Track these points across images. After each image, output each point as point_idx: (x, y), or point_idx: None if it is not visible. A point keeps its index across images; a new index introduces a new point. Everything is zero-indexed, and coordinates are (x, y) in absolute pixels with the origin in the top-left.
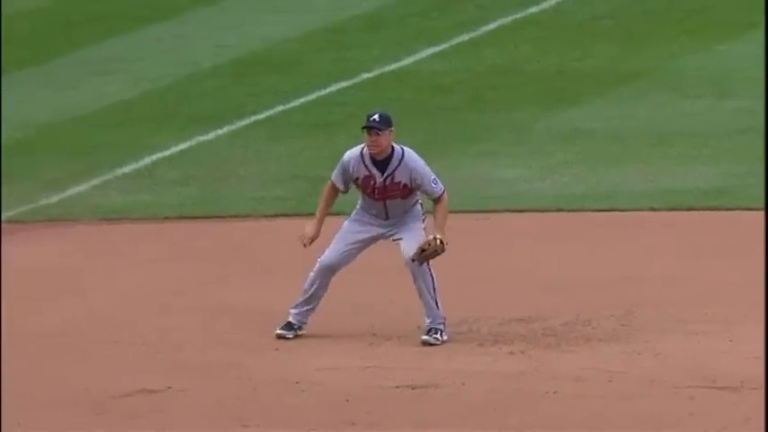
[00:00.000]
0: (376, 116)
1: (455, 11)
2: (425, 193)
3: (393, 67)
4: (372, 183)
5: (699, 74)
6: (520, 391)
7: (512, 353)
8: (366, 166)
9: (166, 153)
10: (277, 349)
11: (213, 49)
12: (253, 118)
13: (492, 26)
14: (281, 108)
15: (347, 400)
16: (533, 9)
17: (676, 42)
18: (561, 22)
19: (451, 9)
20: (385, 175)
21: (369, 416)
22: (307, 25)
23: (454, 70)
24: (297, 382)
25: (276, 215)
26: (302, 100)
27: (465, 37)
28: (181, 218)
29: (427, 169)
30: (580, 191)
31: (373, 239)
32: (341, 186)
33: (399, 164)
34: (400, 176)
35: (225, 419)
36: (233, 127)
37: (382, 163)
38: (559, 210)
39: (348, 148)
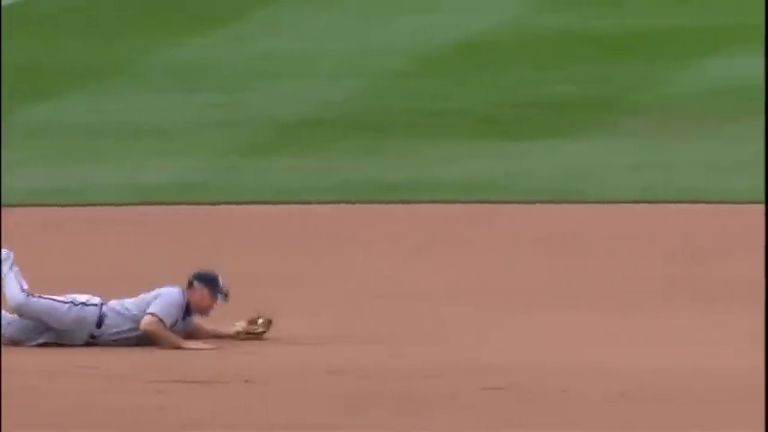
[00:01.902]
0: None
1: None
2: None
3: None
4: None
5: (168, 67)
6: None
7: None
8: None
9: None
10: None
11: None
12: None
13: None
14: None
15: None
16: (5, 2)
17: (148, 36)
18: (30, 14)
19: None
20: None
21: None
22: None
23: None
24: None
25: None
26: None
27: None
28: None
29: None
30: (49, 186)
31: None
32: None
33: None
34: None
35: None
36: None
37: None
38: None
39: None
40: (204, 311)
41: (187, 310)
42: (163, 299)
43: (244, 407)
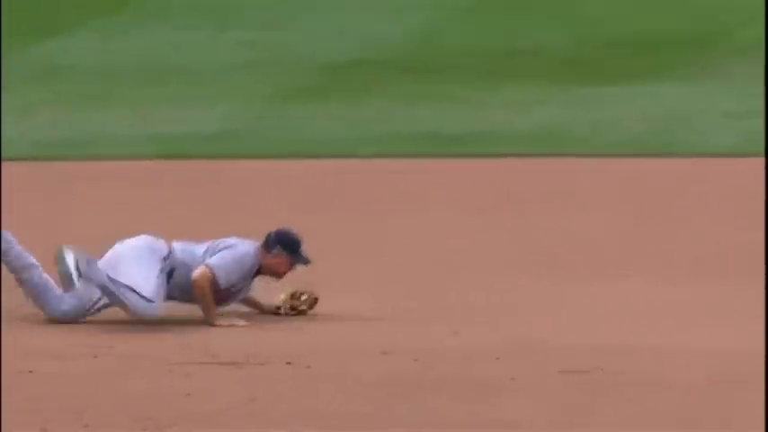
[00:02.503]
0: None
1: None
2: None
3: None
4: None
5: (193, 0)
6: None
7: None
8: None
9: None
10: None
11: None
12: None
13: None
14: None
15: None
16: None
17: None
18: None
19: None
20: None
21: None
22: None
23: None
24: None
25: None
26: None
27: None
28: None
29: None
30: (55, 137)
31: None
32: None
33: None
34: None
35: None
36: None
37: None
38: (35, 159)
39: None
40: (278, 277)
41: (255, 273)
42: (230, 254)
43: (284, 392)
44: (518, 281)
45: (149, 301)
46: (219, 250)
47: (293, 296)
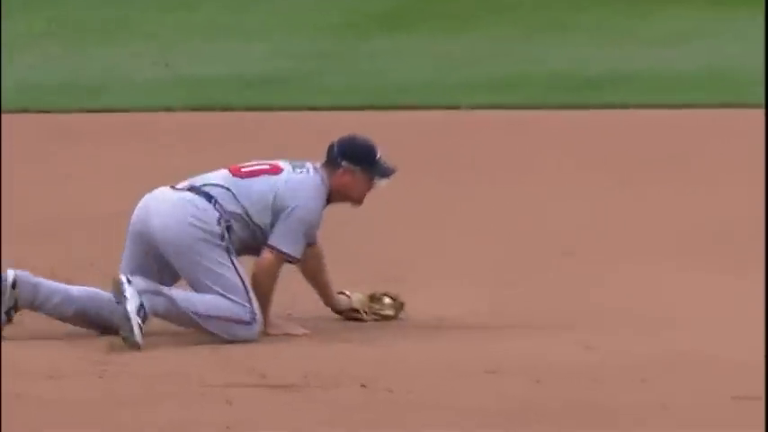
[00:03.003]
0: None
1: None
2: None
3: None
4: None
5: None
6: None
7: None
8: None
9: None
10: None
11: None
12: None
13: None
14: None
15: None
16: None
17: None
18: None
19: None
20: None
21: None
22: None
23: None
24: None
25: None
26: None
27: None
28: None
29: None
30: (55, 82)
31: None
32: None
33: None
34: None
35: None
36: None
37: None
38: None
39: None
40: (356, 202)
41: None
42: (298, 218)
43: (357, 425)
44: (662, 271)
45: (247, 323)
46: (286, 215)
47: (372, 298)
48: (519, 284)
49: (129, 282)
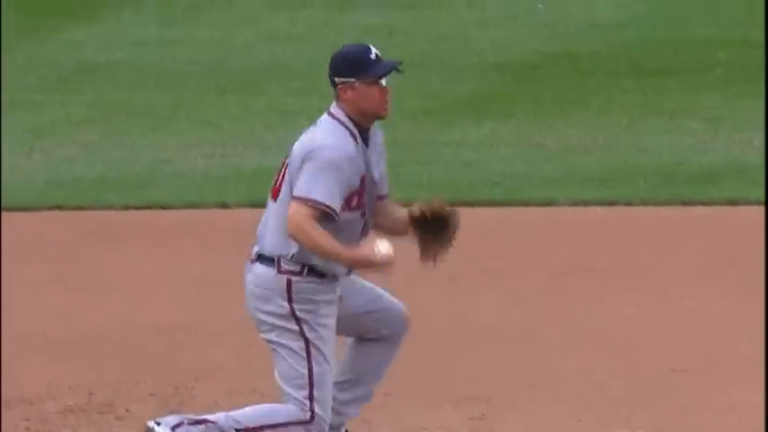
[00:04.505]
0: (376, 50)
1: None
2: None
3: None
4: (370, 183)
5: None
6: None
7: None
8: (362, 154)
9: None
10: None
11: None
12: None
13: None
14: None
15: None
16: None
17: None
18: None
19: None
20: (377, 149)
21: None
22: None
23: None
24: None
25: None
26: None
27: None
28: None
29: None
30: (89, 173)
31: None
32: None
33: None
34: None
35: None
36: None
37: (366, 132)
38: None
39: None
40: (375, 114)
41: (360, 131)
42: (318, 160)
43: None
44: None
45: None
46: (301, 163)
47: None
48: (624, 404)
49: (158, 424)
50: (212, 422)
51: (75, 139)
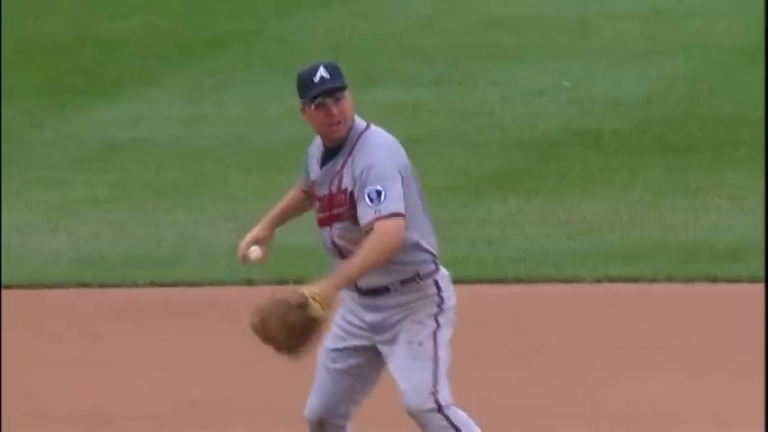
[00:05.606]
0: (325, 71)
1: None
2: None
3: None
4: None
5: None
6: None
7: None
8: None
9: None
10: None
11: None
12: None
13: None
14: None
15: None
16: None
17: None
18: None
19: None
20: (332, 170)
21: None
22: None
23: None
24: None
25: None
26: None
27: None
28: None
29: (386, 165)
30: (115, 250)
31: (359, 349)
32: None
33: (354, 149)
34: (349, 174)
35: None
36: None
37: (333, 152)
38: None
39: None
40: (324, 136)
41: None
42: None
43: None
44: None
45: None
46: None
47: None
48: None
49: None
50: None
51: (100, 216)
